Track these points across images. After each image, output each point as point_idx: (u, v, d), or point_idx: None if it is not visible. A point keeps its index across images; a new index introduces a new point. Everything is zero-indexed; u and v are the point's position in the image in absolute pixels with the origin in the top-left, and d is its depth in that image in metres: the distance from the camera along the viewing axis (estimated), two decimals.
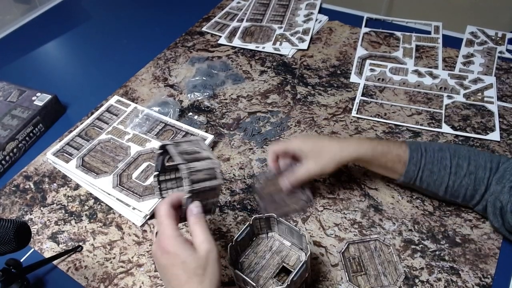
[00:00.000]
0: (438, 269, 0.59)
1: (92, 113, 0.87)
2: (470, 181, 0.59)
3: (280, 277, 0.58)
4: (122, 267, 0.64)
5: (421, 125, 0.79)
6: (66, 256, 0.65)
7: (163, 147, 0.54)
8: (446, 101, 0.83)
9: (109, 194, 0.72)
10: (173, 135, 0.79)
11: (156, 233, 0.49)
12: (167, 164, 0.57)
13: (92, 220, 0.70)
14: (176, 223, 0.48)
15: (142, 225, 0.68)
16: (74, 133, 0.82)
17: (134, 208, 0.69)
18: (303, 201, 0.66)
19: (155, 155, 0.58)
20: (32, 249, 0.67)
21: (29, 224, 0.61)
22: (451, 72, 0.89)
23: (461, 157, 0.61)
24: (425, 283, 0.58)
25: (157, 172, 0.56)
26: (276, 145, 0.65)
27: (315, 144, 0.62)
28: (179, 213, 0.50)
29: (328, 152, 0.61)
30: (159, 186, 0.57)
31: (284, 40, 1.01)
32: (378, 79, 0.89)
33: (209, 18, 1.12)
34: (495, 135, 0.76)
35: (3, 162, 0.79)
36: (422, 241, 0.63)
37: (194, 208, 0.48)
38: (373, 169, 0.66)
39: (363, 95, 0.86)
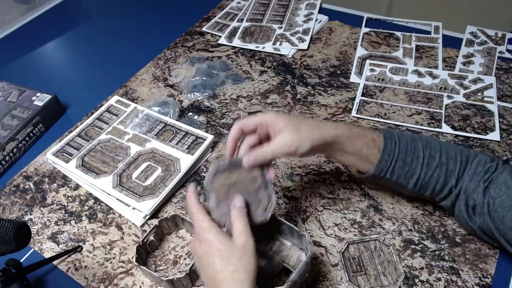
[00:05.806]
0: (438, 269, 0.59)
1: (92, 113, 0.87)
2: (441, 173, 0.58)
3: (280, 277, 0.58)
4: (122, 267, 0.64)
5: (421, 125, 0.79)
6: (66, 256, 0.65)
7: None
8: (446, 101, 0.83)
9: (109, 194, 0.72)
10: (173, 135, 0.79)
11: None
12: None
13: (92, 220, 0.70)
14: (207, 213, 0.51)
15: (142, 225, 0.68)
16: (74, 133, 0.82)
17: (134, 208, 0.69)
18: (264, 203, 0.54)
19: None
20: (32, 249, 0.67)
21: (29, 224, 0.61)
22: (451, 72, 0.89)
23: (433, 148, 0.59)
24: (425, 283, 0.58)
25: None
26: (246, 119, 0.56)
27: (291, 118, 0.57)
28: None
29: (307, 127, 0.56)
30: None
31: (284, 40, 1.01)
32: (378, 79, 0.89)
33: (209, 18, 1.12)
34: (495, 135, 0.76)
35: (3, 162, 0.79)
36: (422, 241, 0.63)
37: (238, 202, 0.51)
38: (345, 159, 0.59)
39: (363, 95, 0.86)
